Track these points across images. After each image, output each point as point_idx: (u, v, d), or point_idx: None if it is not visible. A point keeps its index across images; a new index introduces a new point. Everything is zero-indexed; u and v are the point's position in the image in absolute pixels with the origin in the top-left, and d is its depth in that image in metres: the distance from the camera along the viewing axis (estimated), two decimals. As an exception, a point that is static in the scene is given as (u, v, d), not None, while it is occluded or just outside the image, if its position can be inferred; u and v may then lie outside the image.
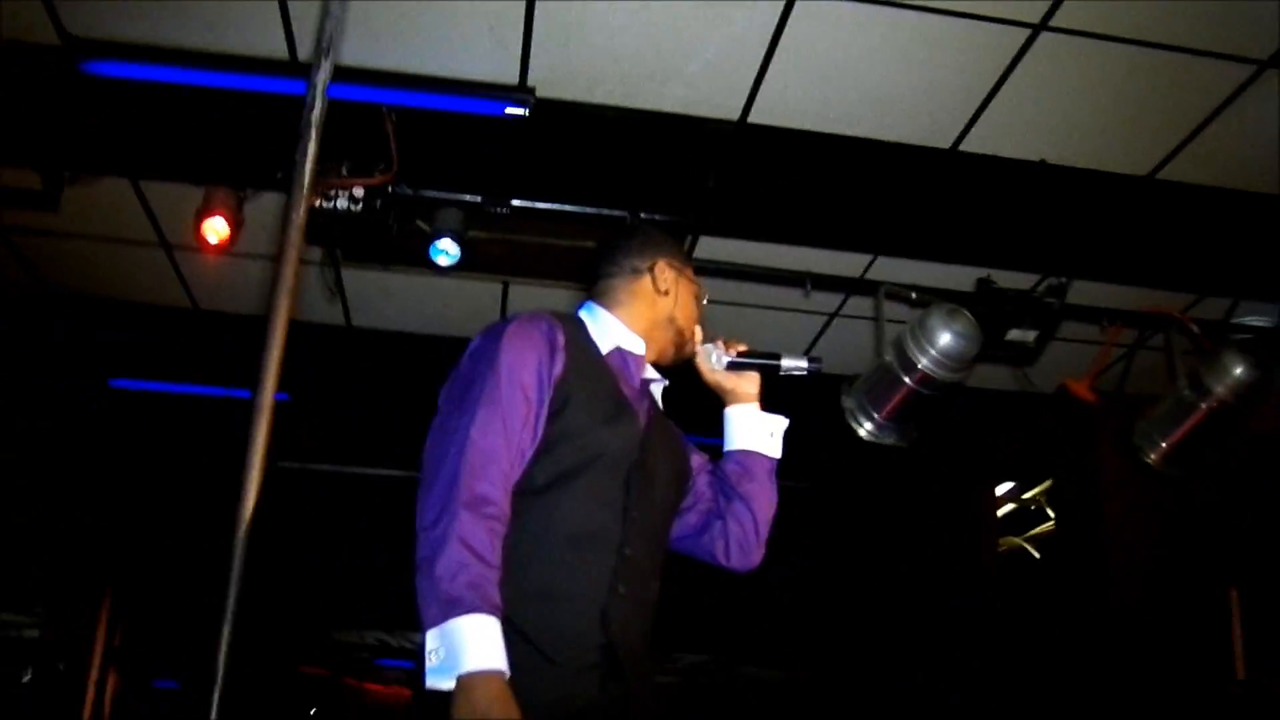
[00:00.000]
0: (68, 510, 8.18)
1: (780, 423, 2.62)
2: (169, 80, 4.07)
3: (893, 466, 7.07)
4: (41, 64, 4.02)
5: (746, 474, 2.57)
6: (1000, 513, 7.69)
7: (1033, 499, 7.54)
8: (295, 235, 2.13)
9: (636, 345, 2.47)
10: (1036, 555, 7.38)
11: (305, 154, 2.18)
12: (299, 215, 2.14)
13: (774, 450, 2.61)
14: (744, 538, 2.55)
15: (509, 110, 4.16)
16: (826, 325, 5.92)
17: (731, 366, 2.58)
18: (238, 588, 1.91)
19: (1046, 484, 7.22)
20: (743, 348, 2.60)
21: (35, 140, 4.39)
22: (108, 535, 8.51)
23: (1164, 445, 4.84)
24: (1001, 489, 7.53)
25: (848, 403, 4.78)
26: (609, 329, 2.46)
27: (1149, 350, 5.38)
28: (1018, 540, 7.68)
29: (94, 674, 9.45)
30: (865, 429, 4.75)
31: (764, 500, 2.57)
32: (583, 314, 2.50)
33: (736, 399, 2.62)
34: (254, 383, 2.02)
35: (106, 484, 7.98)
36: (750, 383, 2.62)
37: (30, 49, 3.99)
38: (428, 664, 1.89)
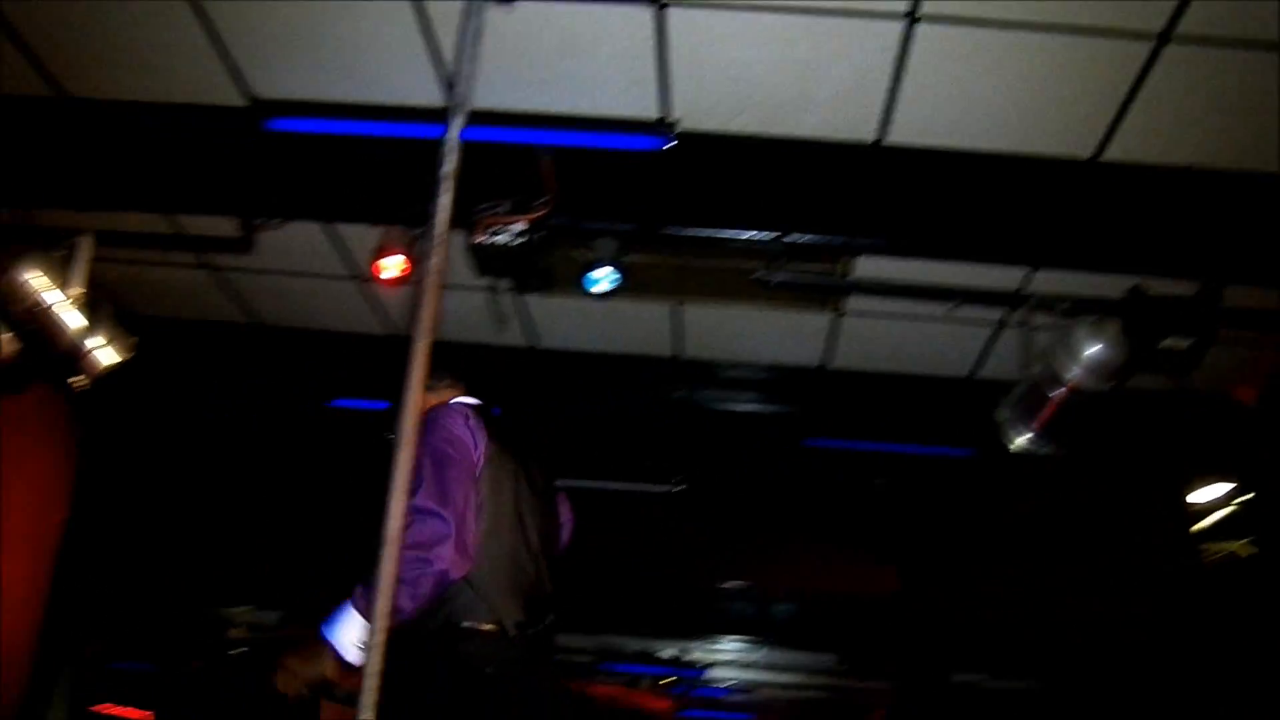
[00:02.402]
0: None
1: None
2: (342, 132, 4.49)
3: (1083, 471, 6.92)
4: (230, 123, 4.51)
5: None
6: (1219, 515, 7.41)
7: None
8: (433, 281, 2.24)
9: None
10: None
11: (439, 206, 2.29)
12: (436, 263, 2.24)
13: None
14: None
15: (649, 144, 4.40)
16: (996, 334, 5.89)
17: None
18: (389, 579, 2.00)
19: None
20: None
21: (228, 192, 4.84)
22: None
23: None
24: (1218, 491, 7.22)
25: (1001, 415, 4.80)
26: None
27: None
28: (1235, 545, 7.38)
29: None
30: (1019, 441, 4.76)
31: None
32: None
33: None
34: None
35: (324, 495, 8.46)
36: None
37: (219, 110, 4.50)
38: None
